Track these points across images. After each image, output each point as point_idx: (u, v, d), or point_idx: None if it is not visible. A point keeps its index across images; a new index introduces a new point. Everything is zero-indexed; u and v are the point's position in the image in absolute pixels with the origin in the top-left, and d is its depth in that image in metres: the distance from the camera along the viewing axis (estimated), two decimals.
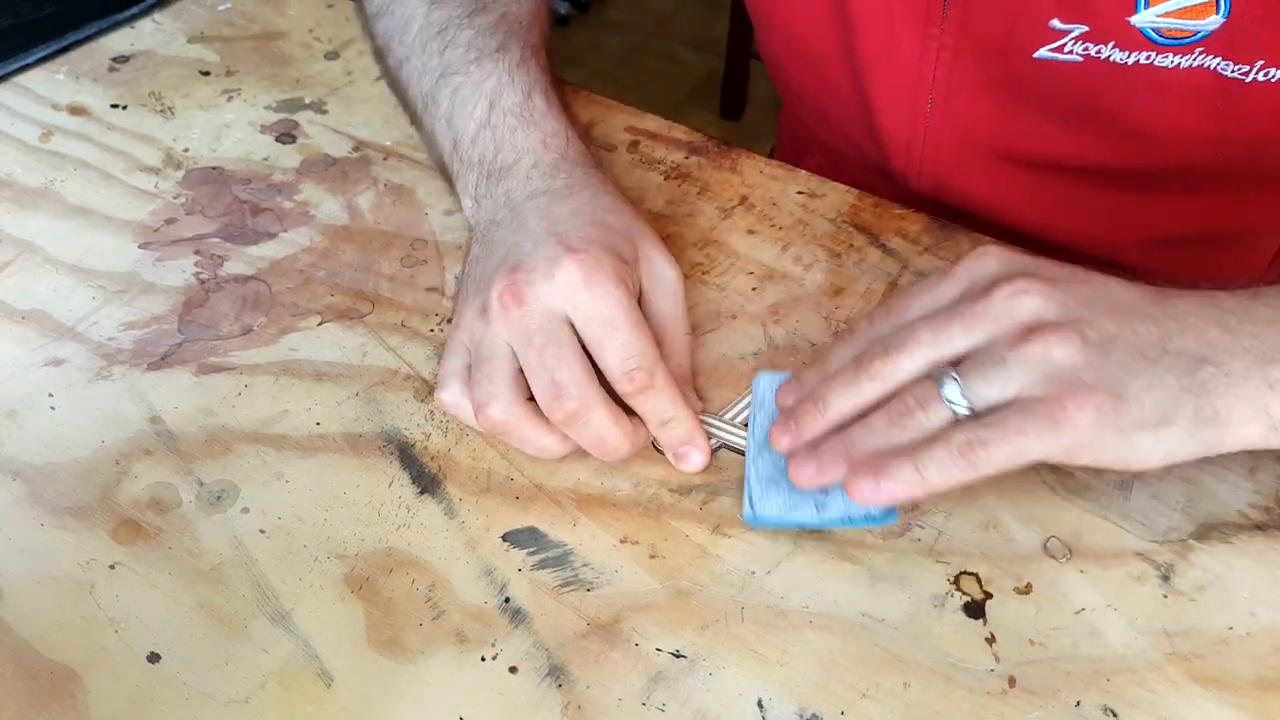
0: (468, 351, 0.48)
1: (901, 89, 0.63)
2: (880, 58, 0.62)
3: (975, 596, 0.44)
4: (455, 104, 0.55)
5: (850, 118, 0.68)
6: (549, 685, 0.41)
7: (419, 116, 0.60)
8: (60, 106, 0.69)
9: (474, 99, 0.55)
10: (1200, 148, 0.57)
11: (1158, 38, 0.52)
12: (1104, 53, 0.54)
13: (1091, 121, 0.58)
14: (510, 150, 0.53)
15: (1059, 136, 0.60)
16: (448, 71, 0.56)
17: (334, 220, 0.61)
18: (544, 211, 0.50)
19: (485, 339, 0.47)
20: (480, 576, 0.44)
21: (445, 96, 0.56)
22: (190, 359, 0.53)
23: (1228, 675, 0.41)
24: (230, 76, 0.72)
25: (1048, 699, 0.40)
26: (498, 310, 0.46)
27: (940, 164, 0.65)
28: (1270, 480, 0.48)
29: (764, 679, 0.41)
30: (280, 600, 0.44)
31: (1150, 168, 0.60)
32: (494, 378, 0.46)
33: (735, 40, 1.95)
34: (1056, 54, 0.55)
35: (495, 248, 0.50)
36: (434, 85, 0.57)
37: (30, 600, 0.43)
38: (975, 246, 0.58)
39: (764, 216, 0.61)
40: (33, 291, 0.56)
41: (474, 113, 0.54)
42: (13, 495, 0.47)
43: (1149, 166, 0.60)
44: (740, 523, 0.46)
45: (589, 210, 0.50)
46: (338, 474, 0.48)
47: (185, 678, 0.41)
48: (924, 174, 0.66)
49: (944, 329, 0.42)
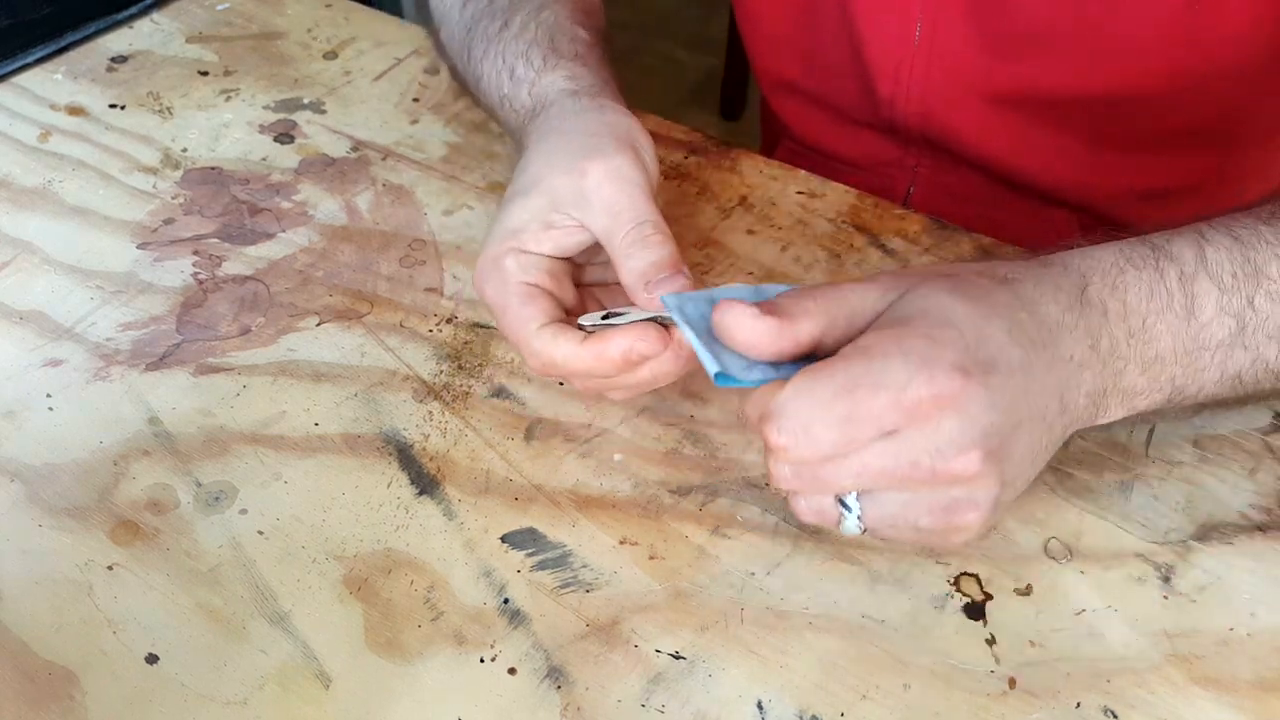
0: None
1: (891, 17, 0.64)
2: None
3: (975, 597, 0.44)
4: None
5: (836, 52, 0.69)
6: (548, 687, 0.41)
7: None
8: (58, 106, 0.69)
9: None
10: (1178, 56, 0.58)
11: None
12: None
13: (1075, 37, 0.59)
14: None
15: (1042, 58, 0.61)
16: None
17: (332, 220, 0.61)
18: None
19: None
20: (479, 578, 0.44)
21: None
22: (188, 360, 0.53)
23: (1228, 676, 0.41)
24: (228, 76, 0.72)
25: (1048, 700, 0.40)
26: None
27: (928, 94, 0.66)
28: (1270, 481, 0.48)
29: (764, 680, 0.41)
30: (279, 601, 0.43)
31: (1133, 93, 0.61)
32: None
33: (735, 40, 1.95)
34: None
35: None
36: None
37: (28, 601, 0.43)
38: (975, 249, 0.58)
39: (764, 217, 0.61)
40: (31, 292, 0.56)
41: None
42: (11, 496, 0.47)
43: (1132, 91, 0.61)
44: (740, 523, 0.46)
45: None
46: (336, 475, 0.48)
47: (183, 679, 0.41)
48: (910, 103, 0.67)
49: (873, 479, 0.38)
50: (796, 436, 0.37)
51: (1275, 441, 0.49)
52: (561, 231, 0.47)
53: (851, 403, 0.36)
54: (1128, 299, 0.41)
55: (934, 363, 0.36)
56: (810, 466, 0.38)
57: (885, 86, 0.67)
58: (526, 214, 0.47)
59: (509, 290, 0.46)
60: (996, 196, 0.70)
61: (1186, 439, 0.49)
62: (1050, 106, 0.64)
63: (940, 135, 0.68)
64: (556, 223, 0.47)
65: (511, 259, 0.47)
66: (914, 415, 0.36)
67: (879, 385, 0.36)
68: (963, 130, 0.67)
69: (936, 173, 0.71)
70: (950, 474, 0.37)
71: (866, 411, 0.36)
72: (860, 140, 0.73)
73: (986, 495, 0.38)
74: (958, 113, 0.66)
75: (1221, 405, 0.45)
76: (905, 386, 0.36)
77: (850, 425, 0.37)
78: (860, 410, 0.36)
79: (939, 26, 0.63)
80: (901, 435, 0.37)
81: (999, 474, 0.37)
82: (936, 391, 0.36)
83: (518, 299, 0.46)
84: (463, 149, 0.66)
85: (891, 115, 0.69)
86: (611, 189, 0.46)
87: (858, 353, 0.38)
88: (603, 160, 0.46)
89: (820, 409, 0.37)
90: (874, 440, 0.37)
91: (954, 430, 0.36)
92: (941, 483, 0.37)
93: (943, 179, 0.71)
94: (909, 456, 0.37)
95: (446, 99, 0.70)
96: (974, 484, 0.37)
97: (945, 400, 0.36)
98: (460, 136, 0.67)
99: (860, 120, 0.72)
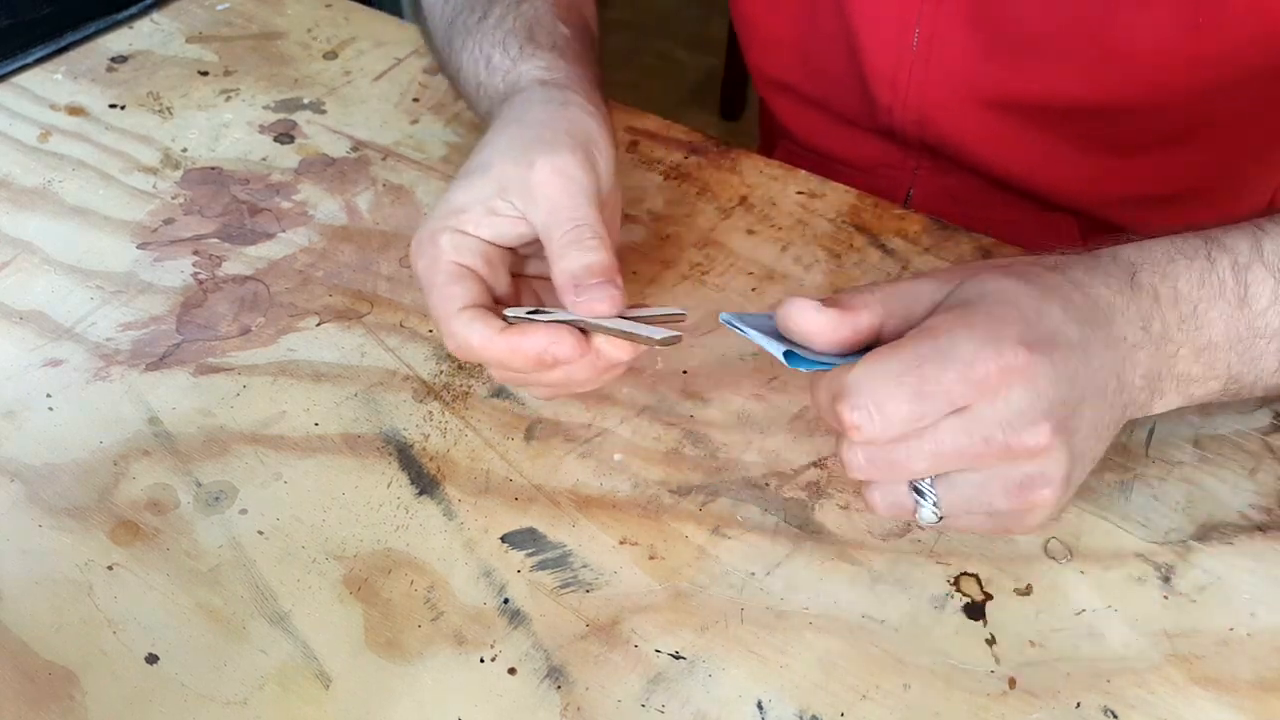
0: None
1: (889, 23, 0.64)
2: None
3: (975, 598, 0.44)
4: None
5: (834, 56, 0.69)
6: (548, 687, 0.41)
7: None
8: (58, 106, 0.69)
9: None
10: (1180, 70, 0.58)
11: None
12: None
13: (1074, 46, 0.59)
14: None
15: (1041, 67, 0.61)
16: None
17: (332, 220, 0.61)
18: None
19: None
20: (479, 578, 0.44)
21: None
22: (188, 360, 0.53)
23: (1228, 676, 0.41)
24: (228, 76, 0.72)
25: (1048, 700, 0.40)
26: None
27: (926, 99, 0.66)
28: (1270, 481, 0.48)
29: (764, 680, 0.41)
30: (279, 601, 0.43)
31: (1132, 102, 0.61)
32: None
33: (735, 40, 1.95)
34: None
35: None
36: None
37: (28, 601, 0.43)
38: (975, 249, 0.58)
39: (764, 216, 0.61)
40: (31, 292, 0.56)
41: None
42: (11, 496, 0.47)
43: (1131, 100, 0.61)
44: (740, 523, 0.46)
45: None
46: (336, 475, 0.48)
47: (183, 679, 0.41)
48: (909, 109, 0.67)
49: (947, 460, 0.38)
50: (869, 413, 0.37)
51: (1275, 441, 0.49)
52: (503, 220, 0.46)
53: (921, 377, 0.37)
54: (1178, 286, 0.42)
55: (999, 337, 0.37)
56: (884, 449, 0.38)
57: (883, 91, 0.67)
58: (471, 195, 0.46)
59: (438, 268, 0.45)
60: (996, 200, 0.70)
61: (1186, 439, 0.49)
62: (1048, 112, 0.64)
63: (939, 140, 0.68)
64: (500, 210, 0.46)
65: (448, 237, 0.46)
66: (983, 389, 0.37)
67: (947, 360, 0.37)
68: (961, 135, 0.67)
69: (936, 175, 0.71)
70: (1023, 447, 0.37)
71: (936, 385, 0.37)
72: (859, 143, 0.73)
73: (1058, 469, 0.38)
74: (956, 117, 0.66)
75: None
76: (973, 361, 0.37)
77: (922, 400, 0.37)
78: (930, 385, 0.37)
79: (937, 32, 0.63)
80: (972, 411, 0.37)
81: (1068, 447, 0.38)
82: (1004, 365, 0.37)
83: (445, 276, 0.45)
84: (463, 149, 0.66)
85: (890, 119, 0.69)
86: (555, 186, 0.45)
87: (923, 333, 0.38)
88: (552, 156, 0.46)
89: (892, 384, 0.37)
90: (945, 418, 0.37)
91: (1023, 402, 0.37)
92: (1014, 458, 0.37)
93: (942, 182, 0.71)
94: (981, 431, 0.37)
95: (446, 99, 0.70)
96: (1045, 458, 0.38)
97: (1013, 373, 0.37)
98: (460, 136, 0.67)
99: (859, 124, 0.72)
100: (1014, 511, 0.39)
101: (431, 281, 0.46)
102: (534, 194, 0.45)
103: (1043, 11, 0.59)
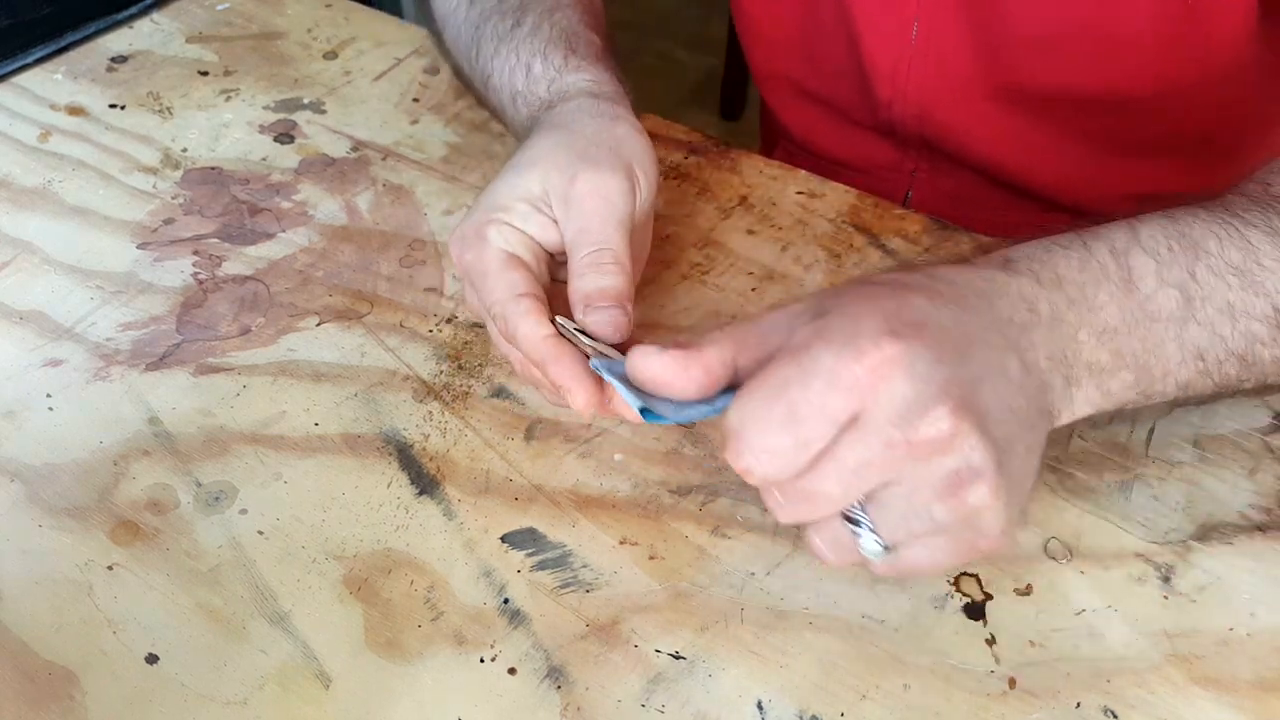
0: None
1: (888, 17, 0.64)
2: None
3: (975, 597, 0.44)
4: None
5: (833, 51, 0.69)
6: (548, 687, 0.41)
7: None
8: (58, 106, 0.69)
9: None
10: (1175, 56, 0.58)
11: None
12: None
13: (1070, 36, 0.59)
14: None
15: (1038, 59, 0.61)
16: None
17: (332, 220, 0.61)
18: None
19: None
20: (479, 578, 0.44)
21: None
22: (188, 360, 0.53)
23: (1228, 676, 0.41)
24: (228, 76, 0.72)
25: (1048, 700, 0.40)
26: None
27: (925, 94, 0.66)
28: (1270, 481, 0.48)
29: (764, 680, 0.41)
30: (279, 601, 0.43)
31: (1131, 94, 0.61)
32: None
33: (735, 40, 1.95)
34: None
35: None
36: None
37: (28, 601, 0.43)
38: (975, 249, 0.58)
39: (764, 217, 0.61)
40: (31, 292, 0.56)
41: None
42: (11, 496, 0.47)
43: (1130, 92, 0.61)
44: (740, 523, 0.46)
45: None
46: (336, 475, 0.48)
47: (183, 679, 0.41)
48: (908, 103, 0.67)
49: (857, 476, 0.35)
50: (754, 453, 0.35)
51: (1275, 441, 0.49)
52: (546, 220, 0.46)
53: (788, 401, 0.35)
54: (1059, 270, 0.40)
55: (857, 336, 0.35)
56: (792, 485, 0.36)
57: (883, 86, 0.67)
58: (518, 192, 0.46)
59: (490, 256, 0.45)
60: (993, 200, 0.70)
61: (1186, 439, 0.49)
62: (1046, 107, 0.64)
63: (937, 136, 0.68)
64: (541, 209, 0.46)
65: (496, 230, 0.45)
66: (860, 392, 0.34)
67: (809, 375, 0.35)
68: (959, 130, 0.67)
69: (934, 176, 0.71)
70: (926, 440, 0.34)
71: (807, 405, 0.35)
72: (858, 142, 0.73)
73: (981, 457, 0.35)
74: (955, 113, 0.66)
75: (1206, 399, 0.44)
76: (835, 368, 0.35)
77: (798, 424, 0.35)
78: (800, 406, 0.35)
79: (936, 26, 0.63)
80: (861, 418, 0.35)
81: (981, 431, 0.35)
82: (871, 362, 0.34)
83: (500, 264, 0.45)
84: (463, 149, 0.66)
85: (889, 116, 0.69)
86: (591, 205, 0.45)
87: (784, 355, 0.36)
88: (595, 173, 0.46)
89: (762, 417, 0.35)
90: (836, 434, 0.35)
91: (907, 392, 0.34)
92: (925, 454, 0.35)
93: (940, 183, 0.71)
94: (877, 436, 0.34)
95: (446, 99, 0.70)
96: (958, 445, 0.35)
97: (885, 366, 0.34)
98: (460, 136, 0.67)
99: (858, 121, 0.72)
100: (959, 520, 0.36)
101: (484, 270, 0.45)
102: (570, 206, 0.46)
103: (1039, 3, 0.59)
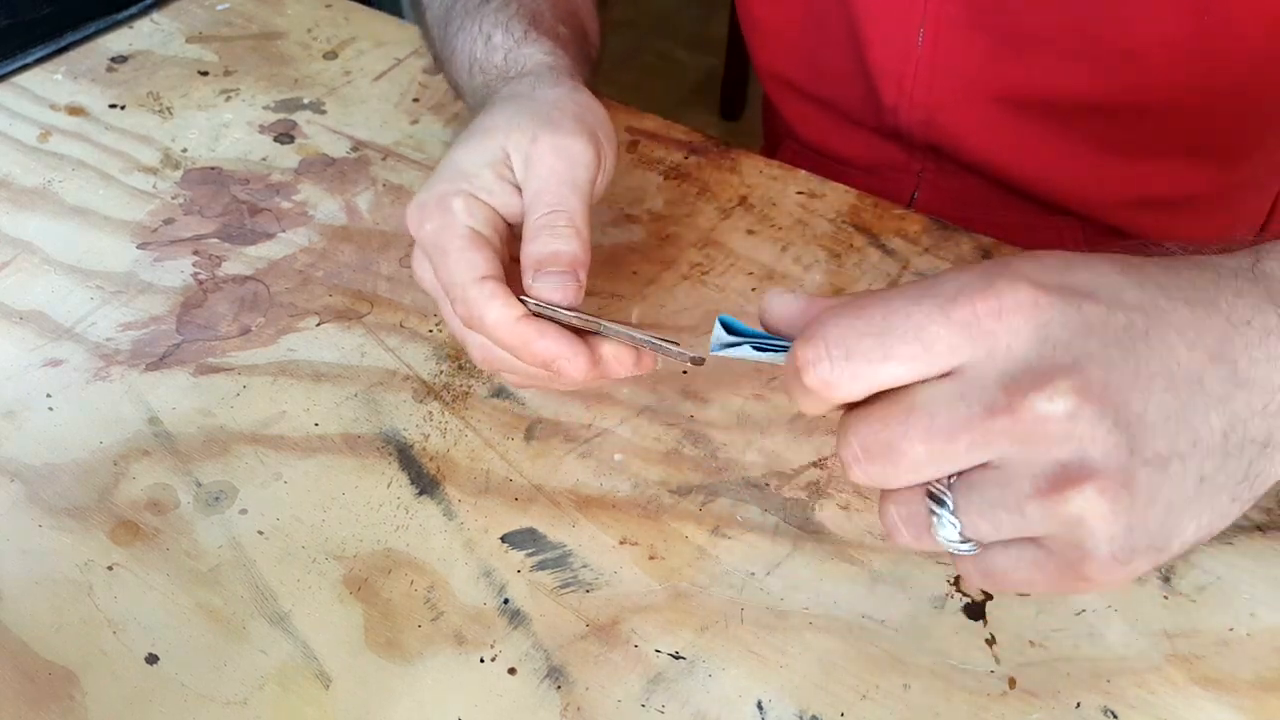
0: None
1: (894, 21, 0.64)
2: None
3: (975, 597, 0.44)
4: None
5: (840, 55, 0.69)
6: (548, 687, 0.41)
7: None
8: (58, 107, 0.69)
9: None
10: (1186, 67, 0.58)
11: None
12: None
13: (1079, 42, 0.59)
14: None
15: (1047, 65, 0.61)
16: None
17: (332, 220, 0.61)
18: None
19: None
20: (479, 578, 0.44)
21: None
22: (188, 360, 0.53)
23: (1228, 676, 0.41)
24: (228, 76, 0.72)
25: (1048, 700, 0.40)
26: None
27: (931, 98, 0.66)
28: None
29: (764, 680, 0.41)
30: (279, 601, 0.43)
31: (1139, 101, 0.61)
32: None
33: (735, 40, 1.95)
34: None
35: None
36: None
37: (28, 601, 0.43)
38: (975, 249, 0.58)
39: (764, 217, 0.61)
40: (31, 292, 0.56)
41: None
42: (11, 496, 0.47)
43: (1138, 99, 0.61)
44: (740, 523, 0.46)
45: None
46: (336, 475, 0.48)
47: (183, 679, 0.41)
48: (914, 107, 0.67)
49: (948, 441, 0.29)
50: (829, 353, 0.30)
51: None
52: (509, 188, 0.44)
53: (887, 310, 0.29)
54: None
55: (997, 276, 0.29)
56: (872, 432, 0.30)
57: (889, 90, 0.67)
58: (481, 158, 0.44)
59: (453, 232, 0.42)
60: (1000, 202, 0.70)
61: None
62: (1055, 110, 0.64)
63: (944, 139, 0.68)
64: (506, 176, 0.44)
65: (461, 201, 0.43)
66: (971, 334, 0.28)
67: (923, 294, 0.29)
68: (966, 134, 0.67)
69: (941, 177, 0.71)
70: (1037, 416, 0.28)
71: (905, 321, 0.29)
72: (865, 143, 0.73)
73: (1103, 454, 0.27)
74: (961, 117, 0.66)
75: None
76: (954, 296, 0.29)
77: (887, 336, 0.29)
78: (896, 318, 0.29)
79: (942, 30, 0.63)
80: (966, 369, 0.29)
81: (1115, 426, 0.27)
82: (996, 305, 0.28)
83: (462, 241, 0.42)
84: None
85: (895, 119, 0.69)
86: (550, 165, 0.43)
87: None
88: (558, 135, 0.44)
89: (852, 315, 0.30)
90: (937, 381, 0.29)
91: (1029, 353, 0.28)
92: (1032, 433, 0.28)
93: (947, 184, 0.71)
94: (980, 396, 0.28)
95: (446, 99, 0.70)
96: (1077, 433, 0.27)
97: (1011, 315, 0.28)
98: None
99: (864, 123, 0.72)
100: (1057, 527, 0.28)
101: (445, 245, 0.42)
102: (530, 166, 0.44)
103: (1046, 7, 0.59)
